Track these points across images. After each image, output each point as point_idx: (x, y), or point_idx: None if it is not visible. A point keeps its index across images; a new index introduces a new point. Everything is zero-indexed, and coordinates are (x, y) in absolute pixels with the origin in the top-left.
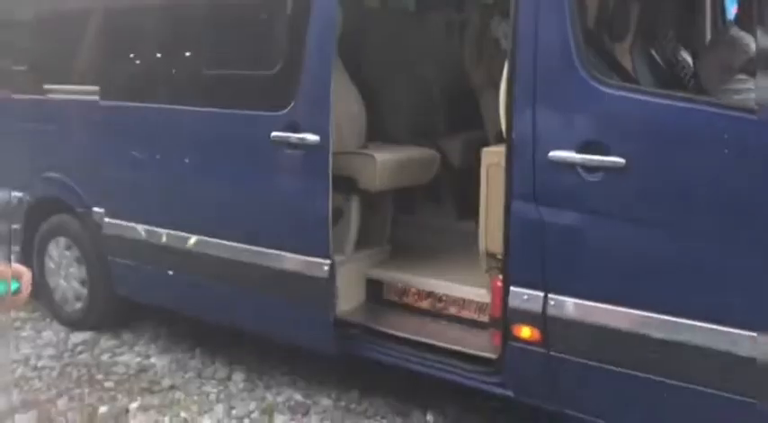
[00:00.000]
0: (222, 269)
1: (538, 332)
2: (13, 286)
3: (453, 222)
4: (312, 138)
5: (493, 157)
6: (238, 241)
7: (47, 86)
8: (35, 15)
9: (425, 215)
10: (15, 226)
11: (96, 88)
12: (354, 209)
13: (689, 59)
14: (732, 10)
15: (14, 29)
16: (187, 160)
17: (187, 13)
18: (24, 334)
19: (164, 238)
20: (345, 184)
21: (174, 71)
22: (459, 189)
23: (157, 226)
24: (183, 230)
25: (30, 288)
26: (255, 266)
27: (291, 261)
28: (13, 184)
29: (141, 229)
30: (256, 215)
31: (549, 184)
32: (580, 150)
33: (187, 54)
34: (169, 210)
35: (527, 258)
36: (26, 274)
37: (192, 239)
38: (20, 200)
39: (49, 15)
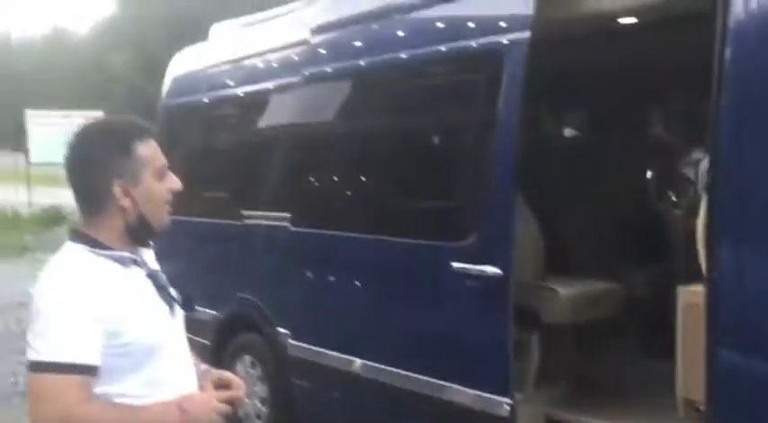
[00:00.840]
0: (396, 398)
1: None
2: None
3: (639, 360)
4: (493, 270)
5: (691, 297)
6: (414, 371)
7: (243, 212)
8: (232, 146)
9: (609, 351)
10: (206, 342)
11: (287, 215)
12: (535, 343)
13: None
14: None
15: (214, 159)
16: (366, 286)
17: (370, 146)
18: None
19: (342, 363)
20: (525, 317)
21: (356, 201)
22: (645, 325)
23: (337, 351)
24: (359, 356)
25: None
26: (430, 399)
27: (468, 396)
28: (208, 302)
29: (321, 352)
30: (433, 345)
31: (760, 332)
32: None
33: (369, 184)
34: (349, 335)
35: (736, 414)
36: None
37: (366, 365)
38: (213, 317)
39: (244, 146)
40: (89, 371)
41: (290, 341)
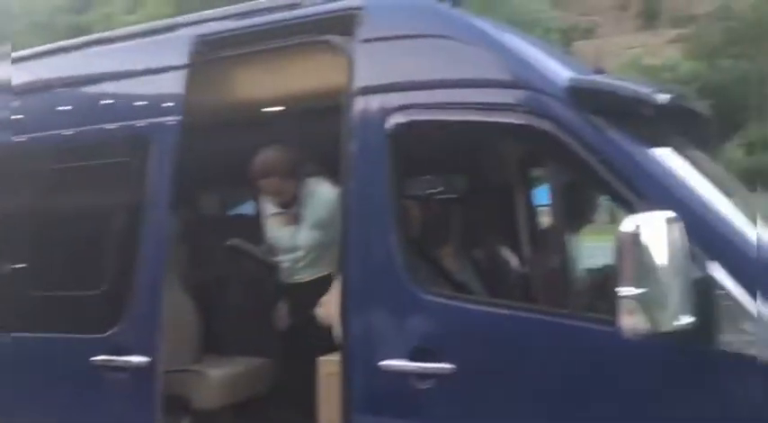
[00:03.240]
0: None
1: None
2: None
3: None
4: (140, 360)
5: (330, 367)
6: None
7: None
8: None
9: None
10: None
11: None
12: None
13: (512, 260)
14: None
15: None
16: None
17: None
18: None
19: None
20: (177, 404)
21: None
22: (299, 398)
23: None
24: None
25: None
26: None
27: None
28: None
29: None
30: None
31: (384, 394)
32: (412, 358)
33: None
34: None
35: None
36: None
37: None
38: None
39: None
40: None
41: None
